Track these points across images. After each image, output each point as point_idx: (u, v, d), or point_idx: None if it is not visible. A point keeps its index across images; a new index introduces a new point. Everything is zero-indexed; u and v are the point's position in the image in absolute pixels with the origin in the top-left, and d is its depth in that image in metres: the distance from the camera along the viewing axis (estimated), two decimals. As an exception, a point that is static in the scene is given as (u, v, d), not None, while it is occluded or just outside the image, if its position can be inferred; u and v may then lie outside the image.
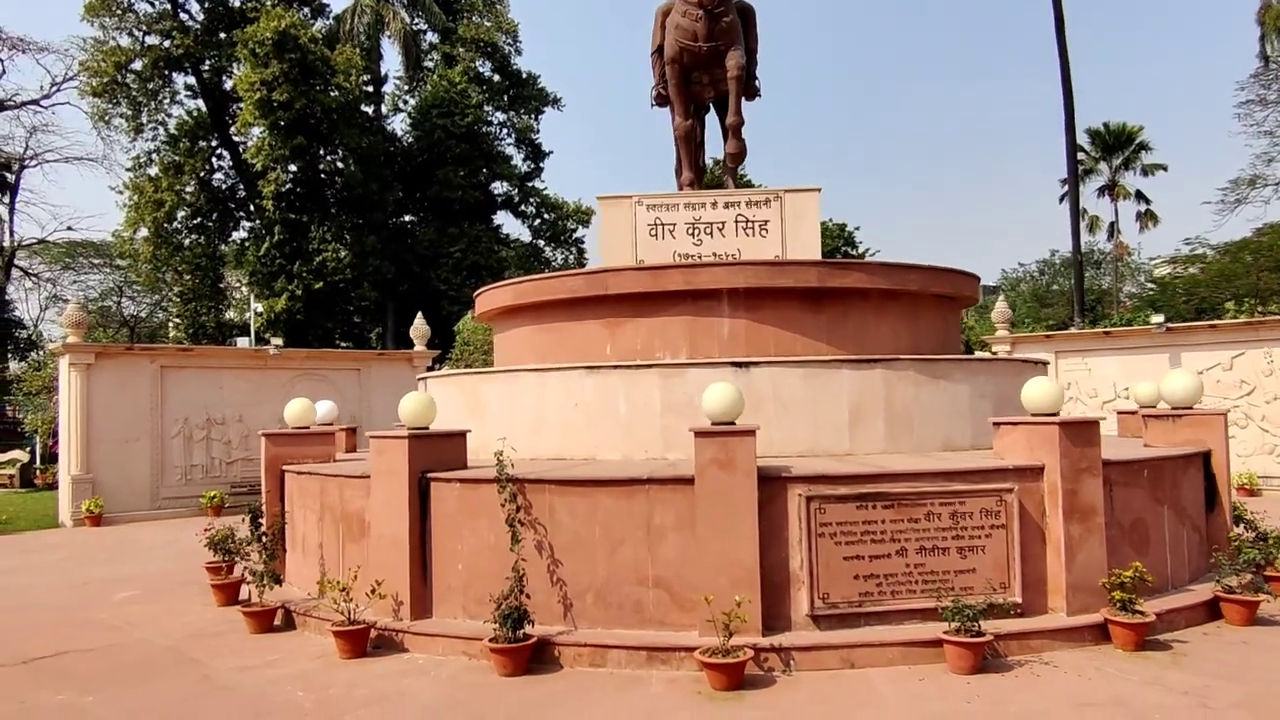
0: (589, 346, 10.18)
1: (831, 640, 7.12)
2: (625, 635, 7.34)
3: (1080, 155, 51.96)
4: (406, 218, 46.17)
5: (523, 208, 48.98)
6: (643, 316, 9.93)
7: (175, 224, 40.82)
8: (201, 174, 40.62)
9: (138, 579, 11.94)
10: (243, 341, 32.05)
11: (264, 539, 8.95)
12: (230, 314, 45.31)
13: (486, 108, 46.11)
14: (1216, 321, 21.15)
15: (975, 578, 7.49)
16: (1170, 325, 20.93)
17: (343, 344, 41.35)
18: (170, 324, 49.35)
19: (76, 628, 9.29)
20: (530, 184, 48.97)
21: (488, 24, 47.76)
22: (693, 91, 11.70)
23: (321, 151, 39.59)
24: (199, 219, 42.39)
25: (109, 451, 19.07)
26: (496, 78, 48.14)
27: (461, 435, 8.60)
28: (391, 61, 57.17)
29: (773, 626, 7.26)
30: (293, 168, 37.95)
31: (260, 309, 33.39)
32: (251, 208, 42.56)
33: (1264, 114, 42.38)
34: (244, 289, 45.60)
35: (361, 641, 7.76)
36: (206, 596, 10.49)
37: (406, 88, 49.17)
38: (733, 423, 7.49)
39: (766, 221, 10.54)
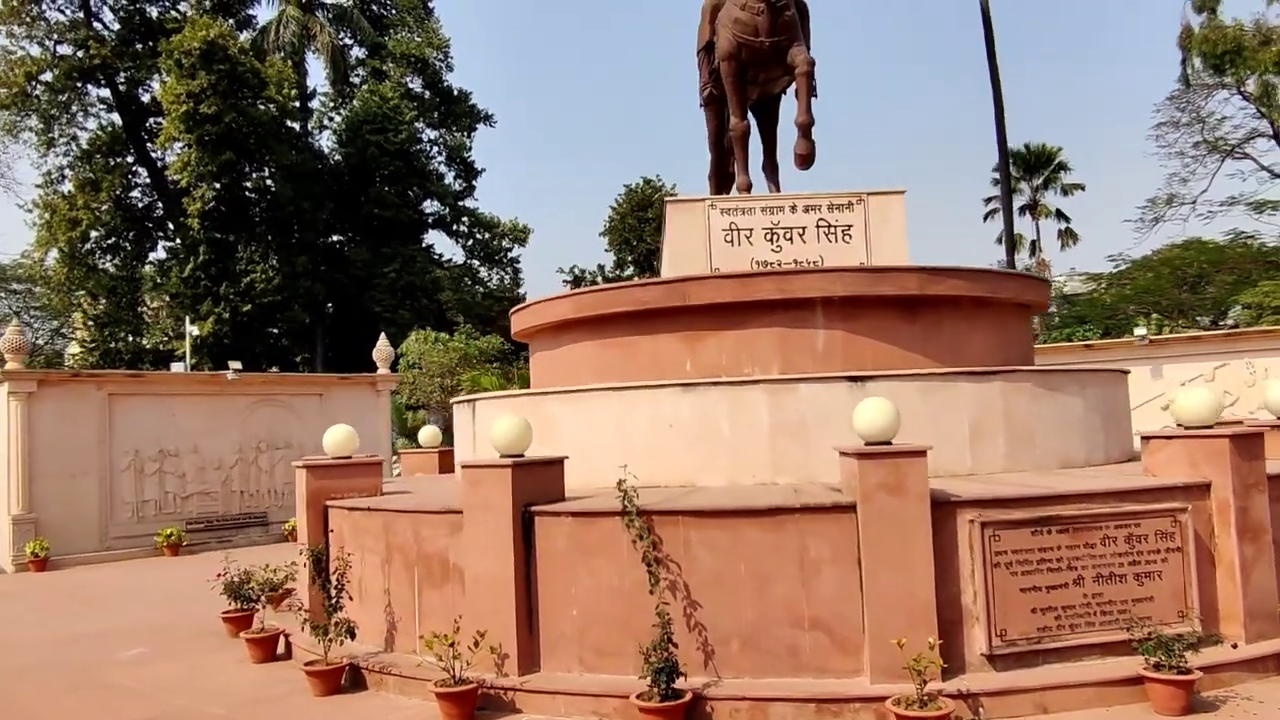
0: (664, 363, 9.32)
1: (1020, 683, 6.40)
2: (784, 685, 6.49)
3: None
4: (335, 238, 44.41)
5: (456, 227, 47.72)
6: (727, 329, 9.12)
7: (89, 244, 38.42)
8: (118, 192, 38.32)
9: (133, 631, 10.58)
10: (177, 368, 30.06)
11: (328, 585, 7.83)
12: (145, 340, 42.71)
13: (418, 124, 44.80)
14: (1199, 333, 21.36)
15: (1153, 606, 6.85)
16: (1152, 338, 21.00)
17: (270, 370, 39.40)
18: (69, 353, 46.25)
19: (96, 694, 8.01)
20: (462, 203, 47.76)
21: (418, 39, 46.49)
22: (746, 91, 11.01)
23: (248, 169, 37.76)
24: (114, 239, 40.01)
25: (53, 488, 17.38)
26: (427, 94, 46.87)
27: (559, 463, 7.66)
28: (316, 77, 55.23)
29: (947, 669, 6.50)
30: (218, 185, 36.00)
31: (196, 331, 31.41)
32: (171, 227, 40.39)
33: (1176, 136, 43.90)
34: (162, 314, 43.13)
35: (470, 704, 6.73)
36: (231, 650, 9.29)
37: (332, 104, 47.48)
38: (889, 442, 6.75)
39: (850, 226, 9.87)
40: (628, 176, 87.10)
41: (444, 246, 52.86)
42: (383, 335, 22.70)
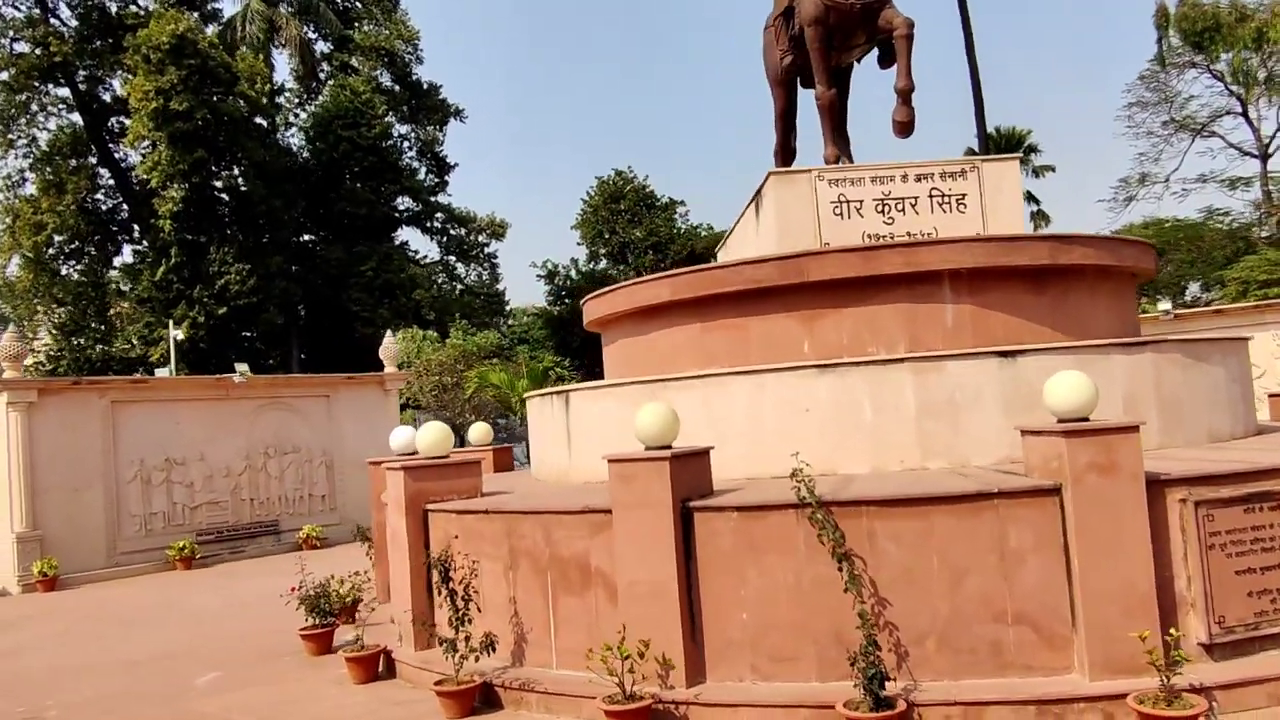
0: (777, 344, 8.73)
1: (1252, 673, 5.91)
2: (999, 687, 5.94)
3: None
4: (305, 237, 43.15)
5: (429, 223, 46.64)
6: (847, 306, 8.55)
7: (52, 249, 36.90)
8: (82, 194, 36.82)
9: (195, 654, 9.79)
10: (162, 374, 28.79)
11: (455, 597, 7.11)
12: (114, 347, 41.13)
13: (389, 119, 43.65)
14: (1222, 306, 21.23)
15: (1364, 586, 6.41)
16: (1177, 312, 20.84)
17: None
18: (27, 365, 44.40)
19: (195, 729, 7.26)
20: (435, 198, 46.71)
21: (386, 32, 45.31)
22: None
23: (218, 167, 36.44)
24: (77, 243, 38.47)
25: (57, 502, 16.42)
26: (397, 89, 45.74)
27: (707, 454, 7.04)
28: (282, 72, 53.69)
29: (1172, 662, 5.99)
30: (188, 184, 34.64)
31: (180, 335, 30.15)
32: (136, 229, 38.98)
33: (1144, 116, 44.34)
34: (122, 320, 41.55)
35: (644, 721, 6.11)
36: (319, 670, 8.59)
37: (297, 100, 46.17)
38: (1087, 418, 6.23)
39: (964, 195, 9.36)
40: (598, 168, 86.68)
41: (419, 243, 51.75)
42: (389, 333, 21.85)
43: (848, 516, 6.27)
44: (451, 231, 46.74)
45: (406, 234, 46.68)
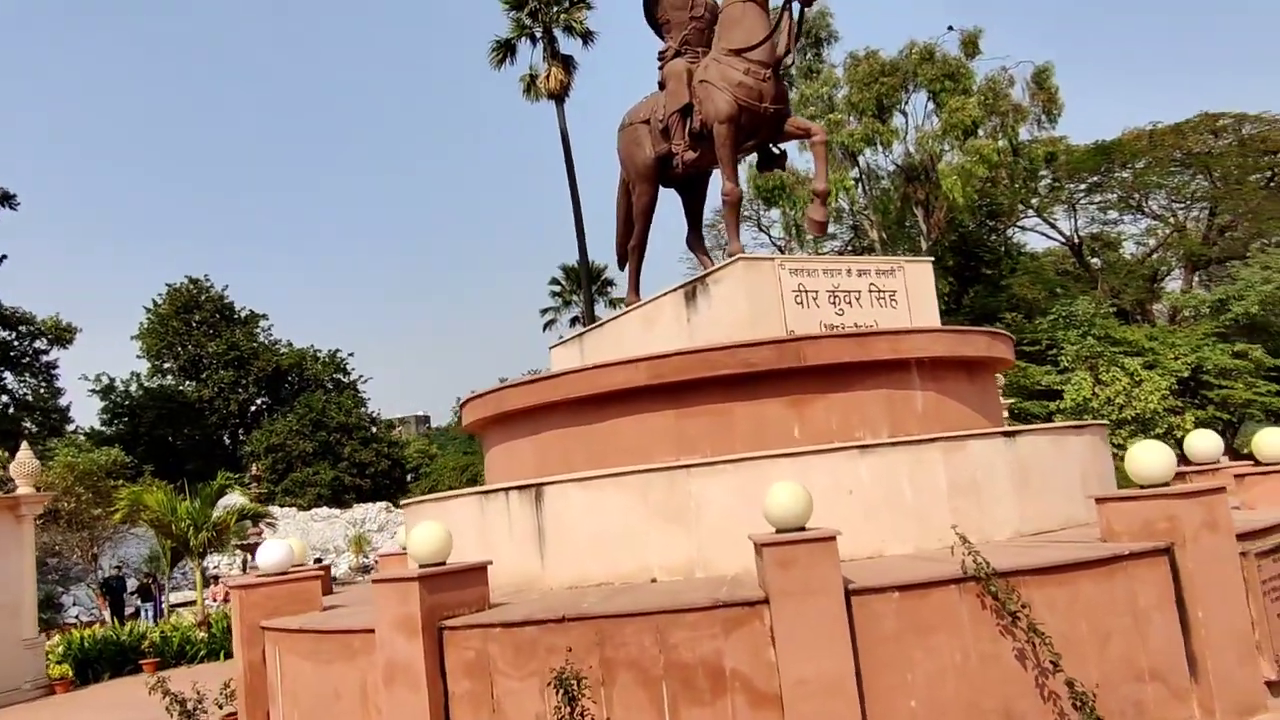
0: (767, 430, 8.50)
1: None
2: (1159, 744, 6.20)
3: (557, 288, 59.33)
4: None
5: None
6: (836, 392, 8.60)
7: None
8: None
9: None
10: None
11: (575, 725, 5.83)
12: None
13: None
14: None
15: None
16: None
17: None
18: None
19: None
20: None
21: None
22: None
23: None
24: None
25: None
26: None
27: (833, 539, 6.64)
28: None
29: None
30: None
31: None
32: None
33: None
34: None
35: (869, 831, 5.49)
36: None
37: None
38: (1168, 483, 6.89)
39: (895, 291, 9.84)
40: (168, 275, 78.33)
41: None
42: (25, 445, 17.69)
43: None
44: (-1, 334, 39.41)
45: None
